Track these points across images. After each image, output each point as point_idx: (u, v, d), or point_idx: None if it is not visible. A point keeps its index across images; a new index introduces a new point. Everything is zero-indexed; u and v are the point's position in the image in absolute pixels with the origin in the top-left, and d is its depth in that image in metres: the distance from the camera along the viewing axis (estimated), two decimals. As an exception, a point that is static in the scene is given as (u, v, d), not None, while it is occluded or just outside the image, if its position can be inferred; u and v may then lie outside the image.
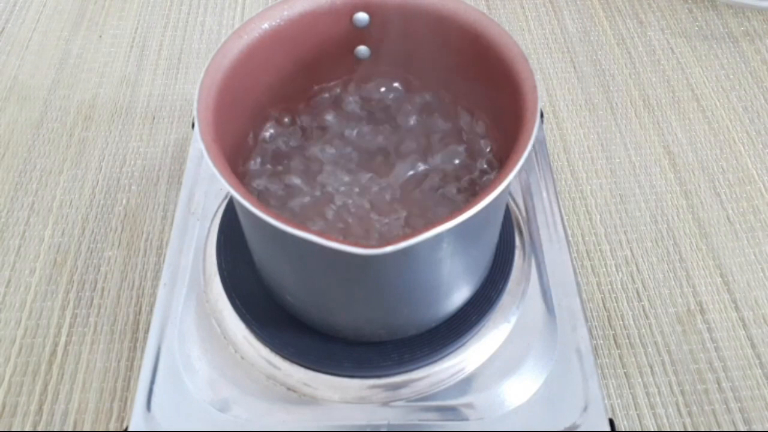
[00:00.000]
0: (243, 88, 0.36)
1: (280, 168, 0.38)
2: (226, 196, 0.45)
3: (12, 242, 0.49)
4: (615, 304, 0.47)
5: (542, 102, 0.60)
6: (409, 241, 0.27)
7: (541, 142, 0.49)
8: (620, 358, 0.44)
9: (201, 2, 0.69)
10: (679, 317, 0.46)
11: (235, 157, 0.36)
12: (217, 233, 0.42)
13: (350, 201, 0.37)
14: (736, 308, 0.46)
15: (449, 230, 0.28)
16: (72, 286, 0.47)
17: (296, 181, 0.38)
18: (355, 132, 0.40)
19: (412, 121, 0.41)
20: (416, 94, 0.41)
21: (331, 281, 0.34)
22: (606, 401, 0.38)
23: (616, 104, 0.60)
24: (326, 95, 0.41)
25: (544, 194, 0.46)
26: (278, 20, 0.36)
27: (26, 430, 0.41)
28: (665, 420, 0.41)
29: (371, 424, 0.36)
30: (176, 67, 0.63)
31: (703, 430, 0.41)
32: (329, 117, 0.41)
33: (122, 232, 0.50)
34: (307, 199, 0.37)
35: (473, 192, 0.37)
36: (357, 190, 0.37)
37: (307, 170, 0.38)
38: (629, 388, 0.43)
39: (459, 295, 0.38)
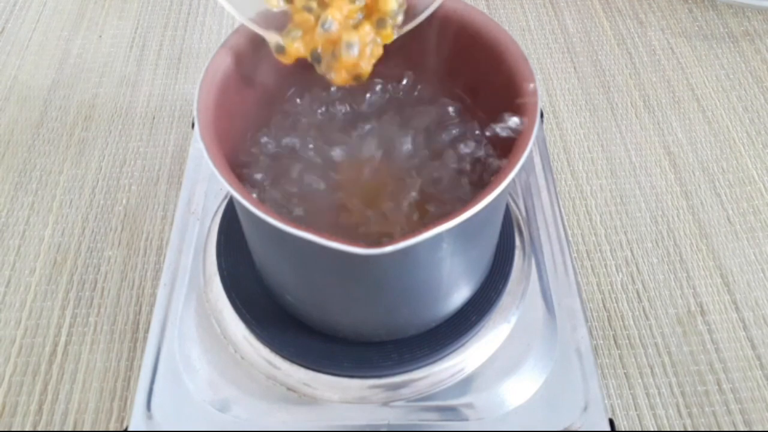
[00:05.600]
0: (243, 87, 0.36)
1: (281, 165, 0.38)
2: (226, 196, 0.45)
3: (12, 242, 0.49)
4: (615, 305, 0.47)
5: (542, 102, 0.60)
6: (409, 241, 0.27)
7: (541, 142, 0.49)
8: (620, 358, 0.44)
9: (201, 2, 0.69)
10: (680, 318, 0.46)
11: (235, 157, 0.36)
12: (217, 233, 0.42)
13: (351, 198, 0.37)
14: (737, 309, 0.46)
15: (449, 230, 0.28)
16: (72, 286, 0.47)
17: (297, 176, 0.38)
18: (355, 130, 0.40)
19: (411, 121, 0.41)
20: (415, 94, 0.41)
21: (331, 281, 0.34)
22: (606, 401, 0.38)
23: (617, 104, 0.60)
24: (326, 93, 0.41)
25: (544, 194, 0.46)
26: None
27: (26, 430, 0.41)
28: (665, 421, 0.41)
29: (371, 424, 0.36)
30: (176, 67, 0.63)
31: (703, 430, 0.41)
32: (329, 116, 0.41)
33: (122, 232, 0.50)
34: (307, 194, 0.37)
35: (473, 192, 0.37)
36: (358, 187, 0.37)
37: (308, 165, 0.38)
38: (629, 389, 0.43)
39: (459, 295, 0.38)
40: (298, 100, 0.41)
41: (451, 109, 0.41)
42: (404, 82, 0.41)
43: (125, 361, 0.43)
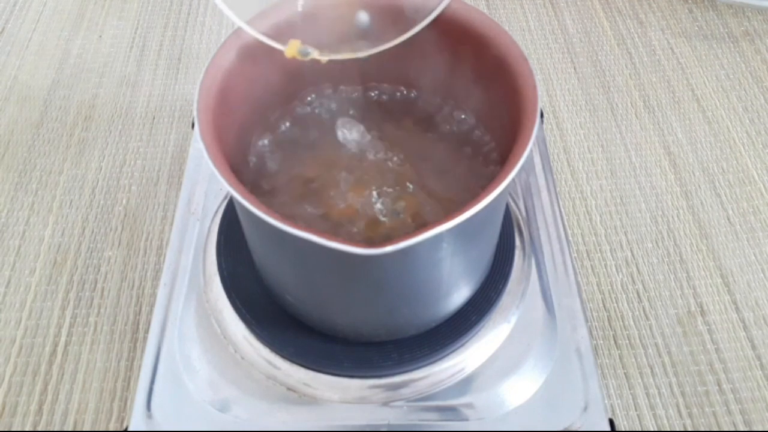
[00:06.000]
0: (243, 87, 0.36)
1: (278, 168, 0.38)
2: (226, 196, 0.45)
3: (12, 242, 0.49)
4: (615, 305, 0.47)
5: (542, 102, 0.60)
6: (409, 241, 0.27)
7: (541, 142, 0.49)
8: (620, 358, 0.44)
9: (201, 2, 0.69)
10: (680, 319, 0.46)
11: (236, 156, 0.36)
12: (217, 233, 0.42)
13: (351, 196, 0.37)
14: (737, 309, 0.46)
15: (449, 230, 0.28)
16: (72, 286, 0.47)
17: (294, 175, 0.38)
18: (354, 132, 0.40)
19: (412, 121, 0.41)
20: (416, 95, 0.41)
21: (331, 281, 0.34)
22: (606, 401, 0.38)
23: (617, 105, 0.60)
24: (326, 95, 0.41)
25: (544, 194, 0.46)
26: (278, 20, 0.36)
27: (26, 430, 0.41)
28: (665, 421, 0.41)
29: (371, 424, 0.36)
30: (176, 67, 0.63)
31: (703, 431, 0.41)
32: (328, 116, 0.41)
33: (122, 232, 0.50)
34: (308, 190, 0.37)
35: (474, 192, 0.37)
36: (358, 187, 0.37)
37: (308, 164, 0.38)
38: (629, 389, 0.43)
39: (459, 295, 0.38)
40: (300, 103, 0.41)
41: (448, 108, 0.41)
42: (403, 83, 0.42)
43: (125, 361, 0.43)
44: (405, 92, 0.42)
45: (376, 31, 0.39)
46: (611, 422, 0.36)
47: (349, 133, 0.40)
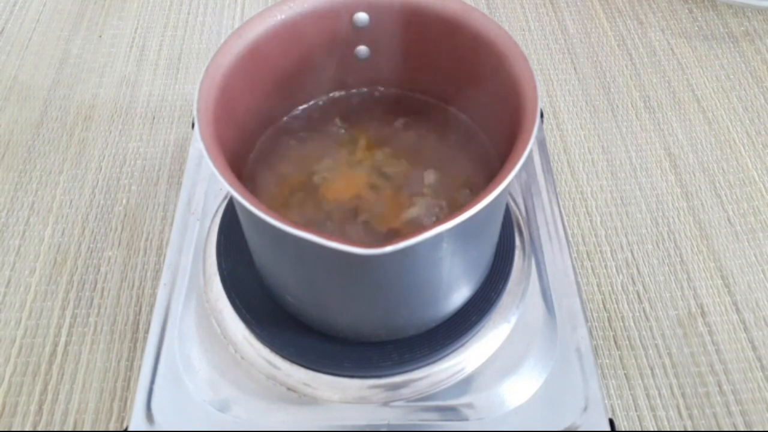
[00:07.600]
0: (243, 87, 0.36)
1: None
2: (226, 196, 0.45)
3: (12, 242, 0.49)
4: (615, 306, 0.47)
5: (542, 102, 0.60)
6: (409, 241, 0.27)
7: (541, 142, 0.49)
8: (620, 359, 0.44)
9: (201, 2, 0.69)
10: (680, 320, 0.46)
11: (236, 156, 0.36)
12: (217, 233, 0.42)
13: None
14: (737, 310, 0.46)
15: (449, 230, 0.27)
16: (72, 286, 0.47)
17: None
18: (354, 132, 0.40)
19: (411, 122, 0.41)
20: (415, 95, 0.41)
21: (331, 281, 0.34)
22: (606, 401, 0.38)
23: (617, 105, 0.60)
24: (325, 96, 0.41)
25: (544, 194, 0.46)
26: (278, 20, 0.36)
27: (26, 430, 0.41)
28: (666, 422, 0.41)
29: (371, 424, 0.36)
30: (176, 67, 0.63)
31: (704, 431, 0.41)
32: (328, 115, 0.41)
33: (122, 232, 0.50)
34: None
35: (473, 192, 0.37)
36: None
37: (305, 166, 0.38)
38: (629, 389, 0.43)
39: (459, 295, 0.38)
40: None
41: (448, 108, 0.41)
42: (403, 84, 0.42)
43: (125, 361, 0.43)
44: (405, 93, 0.42)
45: (378, 32, 0.39)
46: (611, 422, 0.36)
47: (347, 132, 0.40)
